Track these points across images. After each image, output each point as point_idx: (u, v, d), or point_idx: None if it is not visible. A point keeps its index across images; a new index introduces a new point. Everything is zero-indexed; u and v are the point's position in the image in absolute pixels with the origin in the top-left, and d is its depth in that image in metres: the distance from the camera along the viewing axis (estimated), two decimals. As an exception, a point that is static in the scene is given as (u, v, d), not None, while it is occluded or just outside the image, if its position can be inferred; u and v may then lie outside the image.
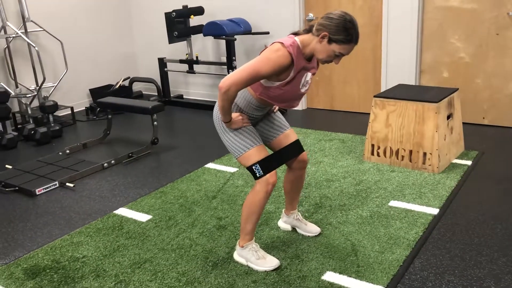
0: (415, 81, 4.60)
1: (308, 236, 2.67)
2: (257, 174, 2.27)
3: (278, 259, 2.46)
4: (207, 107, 5.57)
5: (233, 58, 5.13)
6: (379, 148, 3.63)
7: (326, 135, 4.39)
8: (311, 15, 5.05)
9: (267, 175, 2.26)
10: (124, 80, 6.06)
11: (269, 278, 2.32)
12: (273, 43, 2.17)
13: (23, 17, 4.95)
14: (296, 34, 2.23)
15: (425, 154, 3.41)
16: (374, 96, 3.59)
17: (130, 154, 4.10)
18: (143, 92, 6.66)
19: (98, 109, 5.54)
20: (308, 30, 2.19)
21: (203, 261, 2.49)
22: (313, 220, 2.84)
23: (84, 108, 5.74)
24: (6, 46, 4.99)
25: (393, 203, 3.00)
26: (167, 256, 2.56)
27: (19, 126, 5.13)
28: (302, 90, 2.30)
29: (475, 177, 3.34)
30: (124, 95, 5.98)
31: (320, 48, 2.13)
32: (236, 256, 2.48)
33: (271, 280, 2.30)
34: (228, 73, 4.95)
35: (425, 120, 3.38)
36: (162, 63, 5.80)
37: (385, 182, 3.32)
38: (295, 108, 5.39)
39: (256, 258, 2.39)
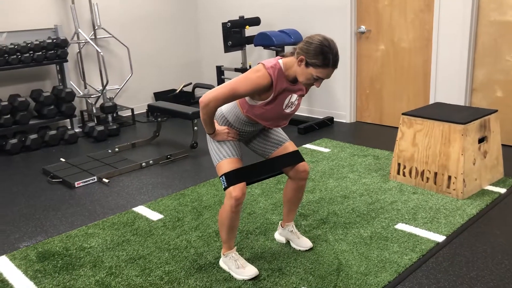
0: (465, 99, 4.33)
1: (299, 250, 2.67)
2: (223, 186, 2.33)
3: (261, 269, 2.50)
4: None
5: (282, 68, 5.19)
6: (405, 167, 3.49)
7: (362, 150, 4.29)
8: (363, 27, 4.96)
9: (230, 189, 2.29)
10: (186, 85, 6.39)
11: (244, 286, 2.37)
12: (258, 64, 2.24)
13: (93, 25, 5.45)
14: (283, 56, 2.27)
15: (450, 177, 3.23)
16: (402, 114, 3.47)
17: (168, 156, 4.35)
18: (206, 98, 6.94)
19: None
20: (293, 53, 2.23)
21: (191, 263, 2.60)
22: (311, 235, 2.82)
23: (145, 110, 6.14)
24: (78, 50, 5.52)
25: (399, 226, 2.88)
26: (161, 254, 2.71)
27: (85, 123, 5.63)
28: (287, 111, 2.33)
29: (504, 206, 3.09)
30: (184, 99, 6.31)
31: (300, 71, 2.16)
32: (221, 262, 2.56)
33: (245, 289, 2.35)
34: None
35: (451, 141, 3.19)
36: (219, 71, 6.03)
37: (402, 203, 3.19)
38: (343, 121, 5.32)
39: (235, 267, 2.45)
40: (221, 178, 2.34)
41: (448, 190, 3.25)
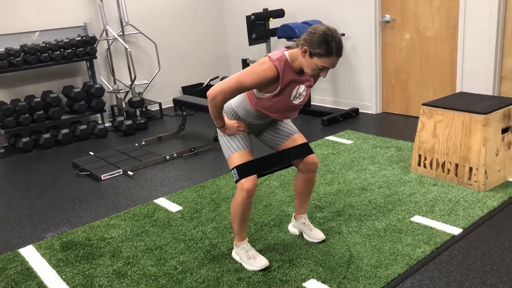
0: (493, 88, 4.19)
1: (312, 242, 2.69)
2: (234, 178, 2.37)
3: (272, 261, 2.53)
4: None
5: (306, 60, 5.17)
6: (425, 159, 3.43)
7: (385, 141, 4.23)
8: (387, 16, 4.87)
9: (242, 181, 2.33)
10: (213, 79, 6.45)
11: (254, 277, 2.41)
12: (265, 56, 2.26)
13: (121, 21, 5.58)
14: (289, 48, 2.28)
15: (471, 169, 3.15)
16: (423, 104, 3.40)
17: (191, 149, 4.43)
18: (233, 91, 6.99)
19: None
20: (298, 45, 2.23)
21: (204, 254, 2.66)
22: (325, 227, 2.83)
23: (173, 104, 6.25)
24: (107, 47, 5.68)
25: (416, 218, 2.85)
26: (176, 245, 2.78)
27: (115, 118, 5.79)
28: (295, 102, 2.34)
29: (528, 199, 2.99)
30: (210, 93, 6.38)
31: (305, 63, 2.17)
32: (234, 253, 2.61)
33: (255, 280, 2.39)
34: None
35: (472, 132, 3.11)
36: (245, 64, 6.06)
37: (420, 195, 3.14)
38: (369, 112, 5.26)
39: (247, 258, 2.50)
40: (232, 171, 2.38)
41: (470, 182, 3.17)
